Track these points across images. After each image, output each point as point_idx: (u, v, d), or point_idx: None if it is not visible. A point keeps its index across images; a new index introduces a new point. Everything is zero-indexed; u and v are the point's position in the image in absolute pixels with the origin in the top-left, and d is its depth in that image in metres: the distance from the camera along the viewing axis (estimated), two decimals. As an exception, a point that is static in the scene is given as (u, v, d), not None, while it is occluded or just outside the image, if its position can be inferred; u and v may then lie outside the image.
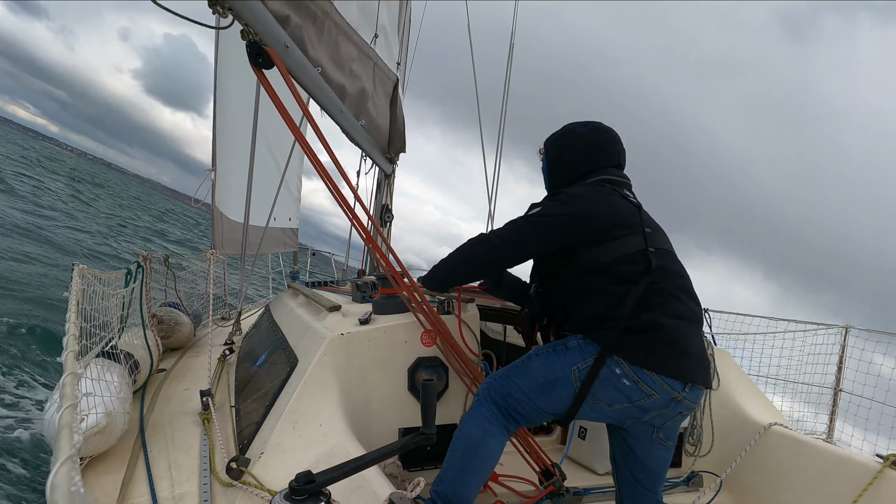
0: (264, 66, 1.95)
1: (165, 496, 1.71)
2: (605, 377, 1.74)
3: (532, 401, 1.85)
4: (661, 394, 1.73)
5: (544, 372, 1.84)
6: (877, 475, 2.24)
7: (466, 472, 1.80)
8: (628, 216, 1.94)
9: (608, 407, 1.79)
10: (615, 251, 1.85)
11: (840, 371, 5.55)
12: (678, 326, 1.78)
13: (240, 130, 4.78)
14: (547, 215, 1.93)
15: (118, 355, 2.43)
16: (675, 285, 1.88)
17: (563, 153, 2.18)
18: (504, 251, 1.94)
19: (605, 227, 1.88)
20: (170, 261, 4.16)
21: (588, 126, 2.18)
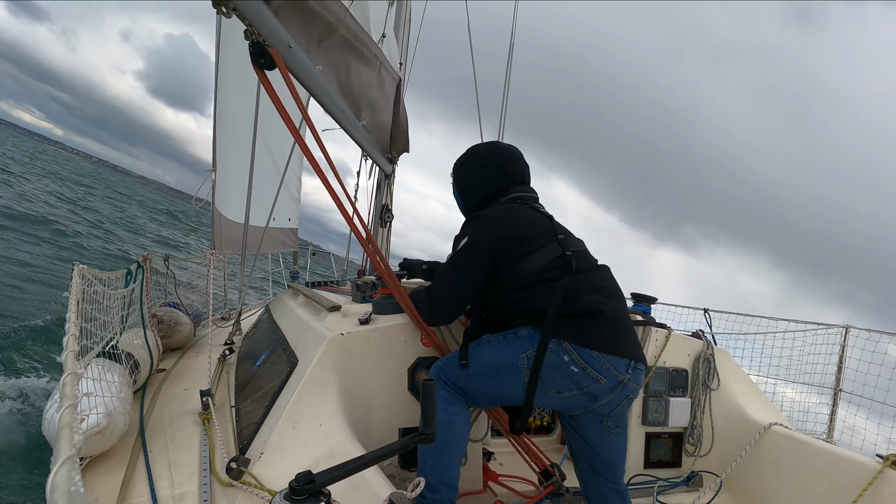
0: (266, 67, 1.95)
1: (165, 496, 1.71)
2: (555, 364, 1.82)
3: (479, 385, 1.94)
4: (608, 378, 1.82)
5: (492, 359, 1.93)
6: (877, 475, 2.24)
7: (442, 456, 1.88)
8: (542, 227, 2.09)
9: (557, 395, 1.87)
10: (536, 263, 1.98)
11: (840, 371, 5.55)
12: (615, 307, 1.95)
13: (240, 131, 4.79)
14: (472, 244, 2.03)
15: (119, 355, 2.43)
16: (599, 274, 2.06)
17: (471, 177, 2.35)
18: (448, 305, 2.10)
19: (524, 242, 2.00)
20: (170, 261, 4.16)
21: (489, 146, 2.39)
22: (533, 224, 2.09)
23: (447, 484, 1.85)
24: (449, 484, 1.85)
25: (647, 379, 2.85)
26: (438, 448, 1.87)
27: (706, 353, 3.01)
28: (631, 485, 2.68)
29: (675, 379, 2.94)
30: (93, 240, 17.70)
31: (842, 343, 5.59)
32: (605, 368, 1.81)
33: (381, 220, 4.66)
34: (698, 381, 2.97)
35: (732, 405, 2.98)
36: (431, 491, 1.82)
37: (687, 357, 3.01)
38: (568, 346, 1.81)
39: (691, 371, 3.00)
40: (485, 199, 2.26)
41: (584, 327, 1.84)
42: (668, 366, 2.94)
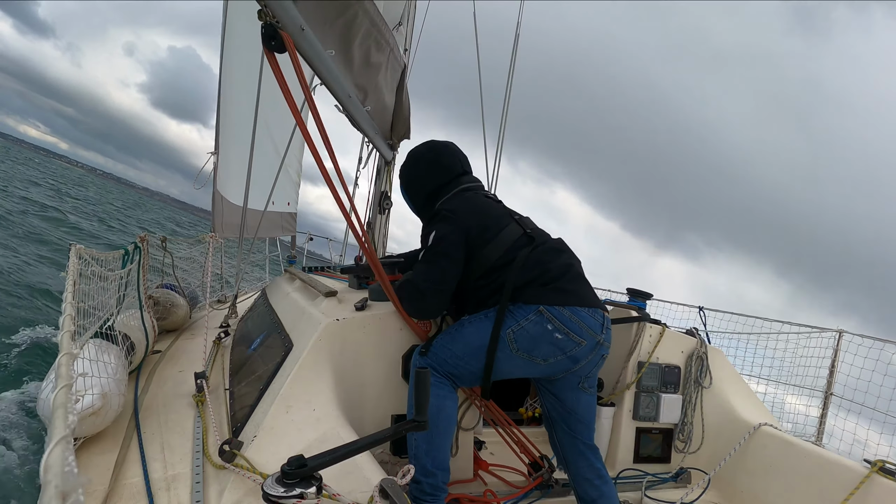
0: (277, 50, 1.93)
1: (158, 477, 1.72)
2: (539, 335, 1.94)
3: (467, 364, 2.01)
4: (587, 340, 1.97)
5: (476, 336, 2.01)
6: (864, 480, 2.26)
7: (435, 438, 1.93)
8: (498, 211, 2.23)
9: (544, 362, 1.99)
10: (501, 245, 2.10)
11: (832, 374, 5.58)
12: (577, 266, 2.13)
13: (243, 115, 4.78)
14: (443, 238, 2.10)
15: (115, 336, 2.43)
16: (558, 242, 2.20)
17: (412, 175, 2.46)
18: (433, 300, 2.12)
19: (487, 228, 2.12)
20: (167, 243, 4.15)
21: (425, 145, 2.48)
22: (490, 210, 2.21)
23: (440, 467, 1.90)
24: (441, 466, 1.91)
25: (639, 374, 2.87)
26: (430, 432, 1.92)
27: (699, 351, 3.02)
28: (620, 479, 2.70)
29: (667, 375, 2.95)
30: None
31: (834, 347, 5.61)
32: (583, 330, 1.96)
33: (380, 206, 4.66)
34: (690, 378, 2.99)
35: (723, 404, 2.99)
36: (426, 475, 1.86)
37: (680, 354, 3.02)
38: (548, 315, 1.93)
39: (684, 368, 3.01)
40: (430, 194, 2.37)
41: (563, 288, 1.99)
42: (661, 362, 2.95)
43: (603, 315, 2.04)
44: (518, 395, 3.20)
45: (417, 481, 1.86)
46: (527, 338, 1.95)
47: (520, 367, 2.03)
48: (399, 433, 1.48)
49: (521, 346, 1.96)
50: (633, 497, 2.62)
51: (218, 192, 5.33)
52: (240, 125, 5.00)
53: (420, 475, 1.86)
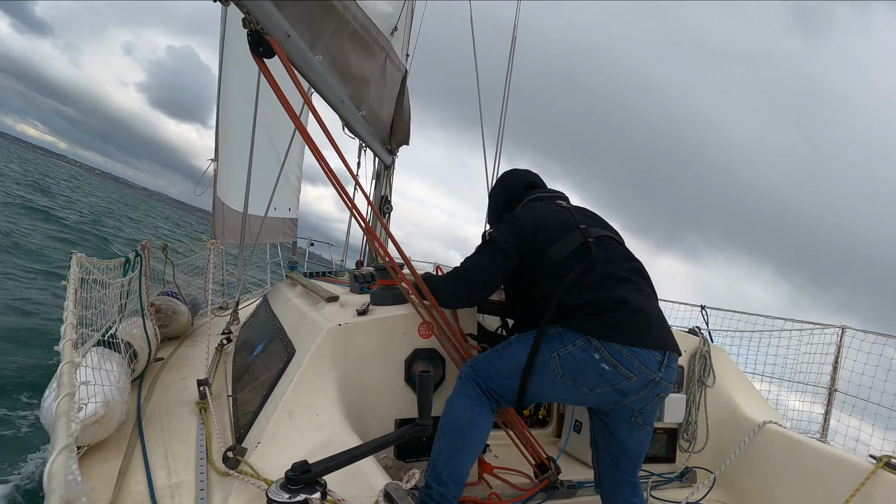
0: (265, 56, 1.94)
1: (162, 485, 1.72)
2: (585, 362, 1.84)
3: (511, 384, 1.95)
4: (639, 376, 1.84)
5: (521, 356, 1.94)
6: (869, 475, 2.25)
7: (458, 452, 1.88)
8: (561, 218, 2.19)
9: (589, 392, 1.88)
10: (558, 252, 2.04)
11: (836, 371, 5.56)
12: (641, 300, 1.94)
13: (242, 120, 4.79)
14: (498, 234, 2.12)
15: (117, 344, 2.43)
16: (624, 267, 2.06)
17: (491, 198, 2.64)
18: (476, 285, 2.13)
19: (546, 234, 2.09)
20: (168, 250, 4.16)
21: (504, 174, 2.64)
22: (553, 217, 2.18)
23: (456, 480, 1.84)
24: (457, 481, 1.85)
25: None
26: (456, 443, 1.88)
27: (702, 350, 3.02)
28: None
29: (670, 375, 2.95)
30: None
31: (838, 343, 5.59)
32: (634, 366, 1.83)
33: (381, 210, 4.66)
34: (694, 377, 2.98)
35: (727, 402, 2.99)
36: (439, 483, 1.82)
37: (683, 353, 3.02)
38: (597, 344, 1.83)
39: (687, 367, 3.01)
40: (503, 210, 2.46)
41: (618, 321, 1.85)
42: (664, 362, 2.94)
43: (664, 354, 1.88)
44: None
45: (429, 486, 1.83)
46: (572, 363, 1.86)
47: (564, 393, 1.95)
48: (403, 437, 1.48)
49: (566, 372, 1.87)
50: (638, 497, 2.61)
51: (218, 199, 5.33)
52: (240, 131, 5.00)
53: (433, 482, 1.82)
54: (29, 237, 13.25)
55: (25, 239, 12.75)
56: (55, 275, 9.29)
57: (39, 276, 9.40)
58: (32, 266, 10.12)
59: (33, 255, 11.29)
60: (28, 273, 9.47)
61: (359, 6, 2.78)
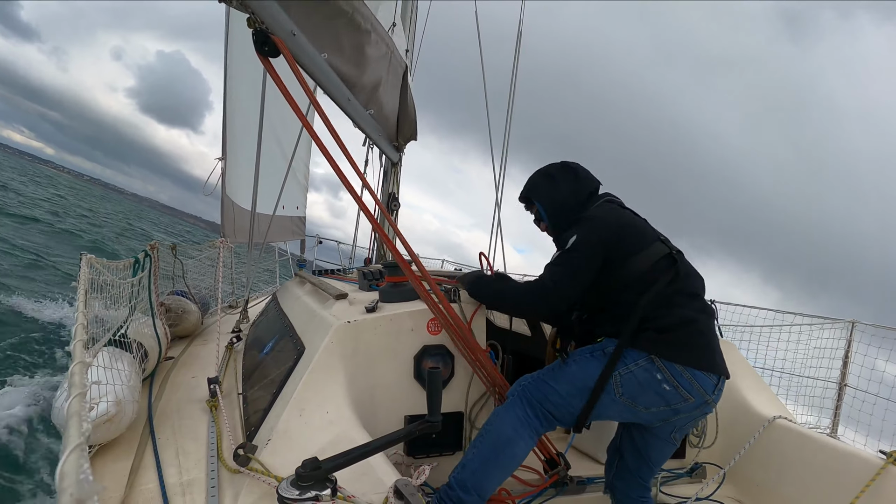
0: (270, 55, 1.95)
1: (173, 483, 1.73)
2: (647, 382, 1.83)
3: (569, 404, 1.92)
4: (696, 397, 1.84)
5: (584, 377, 1.91)
6: (880, 471, 2.23)
7: (490, 466, 1.85)
8: (644, 228, 2.11)
9: (645, 410, 1.88)
10: (644, 262, 1.97)
11: (846, 366, 5.52)
12: (705, 322, 1.94)
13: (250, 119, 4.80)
14: (580, 244, 1.98)
15: (128, 343, 2.45)
16: (695, 285, 2.02)
17: (557, 192, 2.29)
18: (556, 291, 1.98)
19: (631, 241, 2.00)
20: (177, 250, 4.18)
21: (554, 166, 2.35)
22: (636, 224, 2.11)
23: (479, 493, 1.81)
24: (481, 494, 1.82)
25: None
26: (489, 457, 1.85)
27: (712, 346, 3.00)
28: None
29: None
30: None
31: (848, 338, 5.56)
32: (693, 388, 1.83)
33: (388, 208, 4.66)
34: (703, 373, 2.96)
35: (737, 397, 2.97)
36: (462, 489, 1.80)
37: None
38: (659, 364, 1.82)
39: (696, 363, 2.99)
40: (577, 205, 2.24)
41: (681, 341, 1.85)
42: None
43: (719, 378, 1.90)
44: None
45: (451, 487, 1.81)
46: (634, 383, 1.85)
47: (619, 412, 1.94)
48: (412, 434, 1.48)
49: (625, 392, 1.86)
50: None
51: (228, 198, 5.35)
52: (246, 130, 5.02)
53: (457, 484, 1.81)
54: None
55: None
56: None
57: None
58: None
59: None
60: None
61: (364, 3, 2.78)
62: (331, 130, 2.15)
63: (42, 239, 14.92)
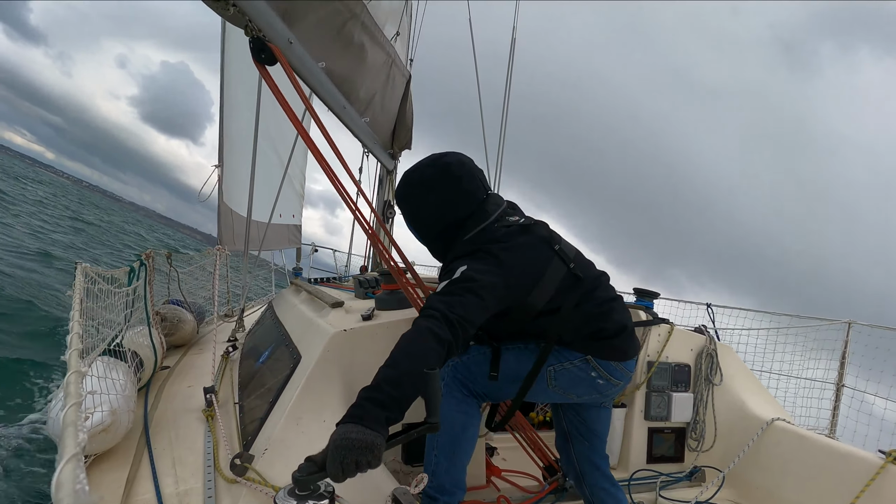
0: (267, 63, 1.96)
1: (170, 493, 1.72)
2: (581, 378, 1.90)
3: (501, 390, 1.98)
4: (623, 380, 1.96)
5: (517, 367, 1.93)
6: (879, 471, 2.24)
7: (456, 457, 1.88)
8: (541, 250, 1.90)
9: (577, 397, 1.99)
10: (546, 290, 1.85)
11: (843, 366, 5.54)
12: (628, 319, 1.99)
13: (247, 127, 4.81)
14: (474, 279, 1.69)
15: (123, 353, 2.44)
16: (606, 285, 2.03)
17: (427, 205, 2.00)
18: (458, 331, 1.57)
19: (531, 277, 1.84)
20: (172, 258, 4.17)
21: (436, 167, 1.99)
22: (534, 251, 1.89)
23: (459, 486, 1.86)
24: (460, 486, 1.87)
25: (649, 374, 2.86)
26: (453, 450, 1.87)
27: (709, 349, 3.01)
28: (633, 480, 2.69)
29: (677, 374, 2.94)
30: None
31: (845, 338, 5.57)
32: (623, 374, 1.94)
33: (384, 216, 4.66)
34: (701, 376, 2.97)
35: (735, 400, 2.98)
36: (443, 493, 1.81)
37: (689, 352, 3.01)
38: (594, 364, 1.88)
39: (694, 366, 3.00)
40: (449, 226, 1.97)
41: (616, 345, 1.90)
42: (670, 361, 2.94)
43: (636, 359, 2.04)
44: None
45: (433, 498, 1.81)
46: (567, 378, 1.90)
47: (551, 397, 2.01)
48: (411, 437, 1.47)
49: (559, 384, 1.91)
50: (647, 498, 2.60)
51: (225, 205, 5.35)
52: (243, 138, 5.03)
53: (436, 493, 1.81)
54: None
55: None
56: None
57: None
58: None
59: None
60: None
61: (367, 11, 2.79)
62: (327, 139, 2.15)
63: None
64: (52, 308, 7.57)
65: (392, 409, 1.37)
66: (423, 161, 2.03)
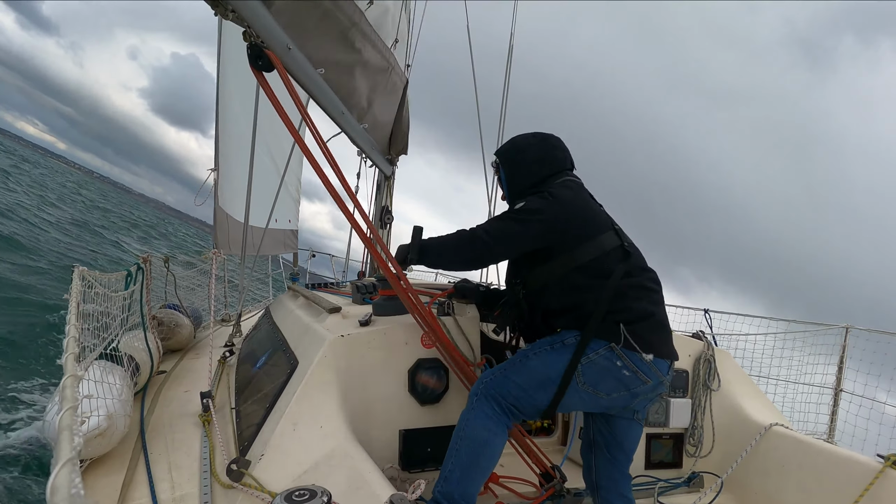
0: (264, 69, 1.95)
1: (166, 498, 1.71)
2: (607, 369, 1.88)
3: (532, 398, 1.94)
4: (653, 379, 1.91)
5: (544, 370, 1.93)
6: (878, 475, 2.23)
7: (472, 471, 1.86)
8: (601, 215, 2.11)
9: (606, 396, 1.93)
10: (595, 249, 1.98)
11: (841, 371, 5.54)
12: (660, 312, 2.00)
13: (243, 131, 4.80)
14: (534, 211, 1.98)
15: (119, 357, 2.43)
16: (649, 277, 2.07)
17: (522, 163, 2.27)
18: (492, 250, 2.00)
19: (586, 226, 2.01)
20: (170, 262, 4.16)
21: (536, 136, 2.31)
22: (594, 210, 2.10)
23: (467, 500, 1.83)
24: (468, 501, 1.84)
25: None
26: (469, 464, 1.87)
27: (707, 354, 3.01)
28: (632, 486, 2.68)
29: (675, 380, 2.94)
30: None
31: (842, 343, 5.58)
32: (651, 371, 1.90)
33: (381, 221, 4.66)
34: (699, 381, 2.97)
35: (733, 406, 2.97)
36: (450, 501, 1.81)
37: (688, 358, 3.01)
38: (619, 352, 1.87)
39: (692, 372, 3.00)
40: (535, 184, 2.21)
41: (641, 333, 1.89)
42: (668, 366, 2.93)
43: (672, 362, 1.99)
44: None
45: (438, 502, 1.81)
46: (594, 371, 1.89)
47: (583, 400, 1.96)
48: None
49: (587, 380, 1.90)
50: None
51: (220, 209, 5.34)
52: (239, 142, 5.02)
53: (444, 499, 1.81)
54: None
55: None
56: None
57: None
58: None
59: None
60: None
61: (366, 19, 2.80)
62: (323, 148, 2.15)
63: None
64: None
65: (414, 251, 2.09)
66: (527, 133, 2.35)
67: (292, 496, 1.26)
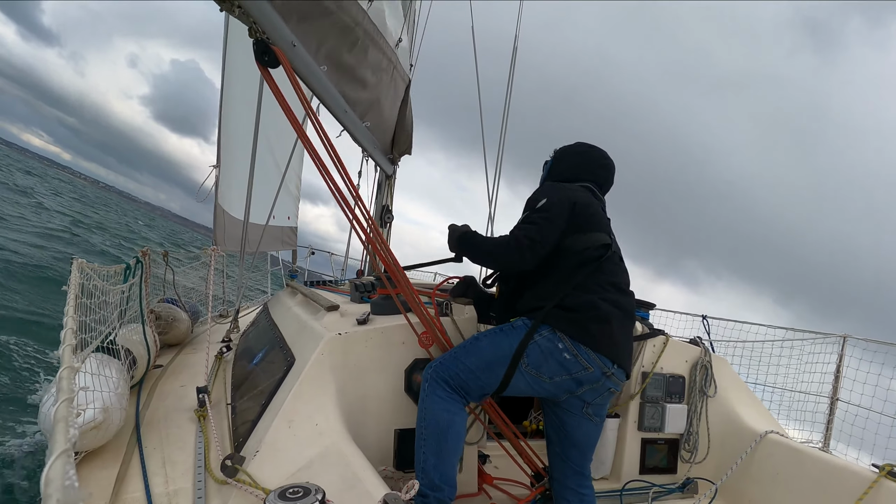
0: (270, 65, 1.96)
1: (160, 492, 1.71)
2: (549, 351, 1.96)
3: (479, 378, 2.01)
4: (595, 368, 1.97)
5: (492, 351, 2.02)
6: (872, 485, 2.24)
7: (444, 455, 1.92)
8: (601, 217, 2.23)
9: (549, 380, 1.99)
10: (584, 242, 2.11)
11: (837, 380, 5.54)
12: (611, 312, 2.02)
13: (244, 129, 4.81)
14: (551, 206, 2.10)
15: (116, 350, 2.42)
16: (621, 280, 2.15)
17: (564, 158, 2.48)
18: (525, 252, 2.03)
19: (591, 217, 2.16)
20: (169, 257, 4.15)
21: (594, 148, 2.48)
22: (593, 208, 2.21)
23: (448, 483, 1.89)
24: (450, 482, 1.90)
25: (644, 385, 2.85)
26: (440, 447, 1.92)
27: (703, 360, 3.01)
28: (626, 490, 2.68)
29: (671, 385, 2.94)
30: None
31: (839, 352, 5.58)
32: (592, 359, 1.96)
33: (381, 220, 4.66)
34: (695, 387, 2.97)
35: (729, 412, 2.97)
36: (433, 489, 1.85)
37: (684, 364, 3.01)
38: (562, 336, 1.95)
39: (688, 378, 3.00)
40: (563, 178, 2.39)
41: (581, 323, 1.96)
42: (665, 372, 2.94)
43: (621, 369, 2.04)
44: (523, 408, 3.19)
45: (424, 495, 1.84)
46: (537, 353, 1.97)
47: (527, 384, 2.02)
48: None
49: (530, 362, 1.97)
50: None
51: (220, 206, 5.35)
52: (241, 140, 5.03)
53: (427, 489, 1.85)
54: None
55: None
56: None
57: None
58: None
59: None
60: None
61: (369, 18, 2.80)
62: (327, 144, 2.15)
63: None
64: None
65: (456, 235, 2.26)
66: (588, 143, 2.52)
67: (286, 493, 1.26)
